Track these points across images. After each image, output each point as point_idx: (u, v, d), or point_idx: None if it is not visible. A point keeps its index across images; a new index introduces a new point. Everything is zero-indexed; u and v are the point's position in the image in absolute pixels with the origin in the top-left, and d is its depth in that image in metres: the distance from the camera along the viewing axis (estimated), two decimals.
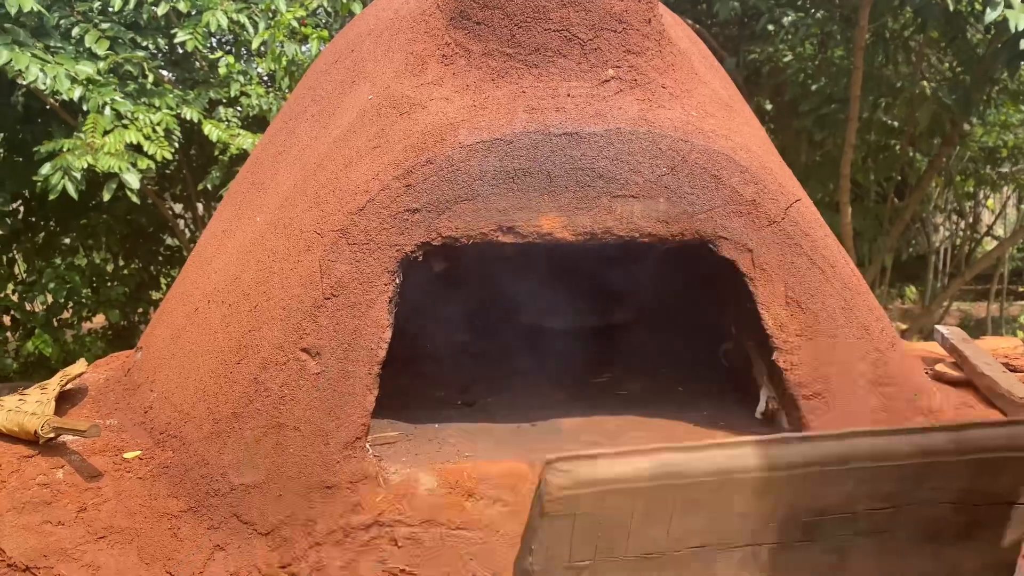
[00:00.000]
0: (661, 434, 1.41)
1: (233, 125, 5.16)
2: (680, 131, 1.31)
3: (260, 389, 1.23)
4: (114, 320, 5.76)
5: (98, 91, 4.55)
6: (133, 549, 1.17)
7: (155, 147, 4.63)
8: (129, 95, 4.84)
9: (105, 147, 4.43)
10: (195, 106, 5.01)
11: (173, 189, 6.23)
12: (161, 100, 4.87)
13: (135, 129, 4.63)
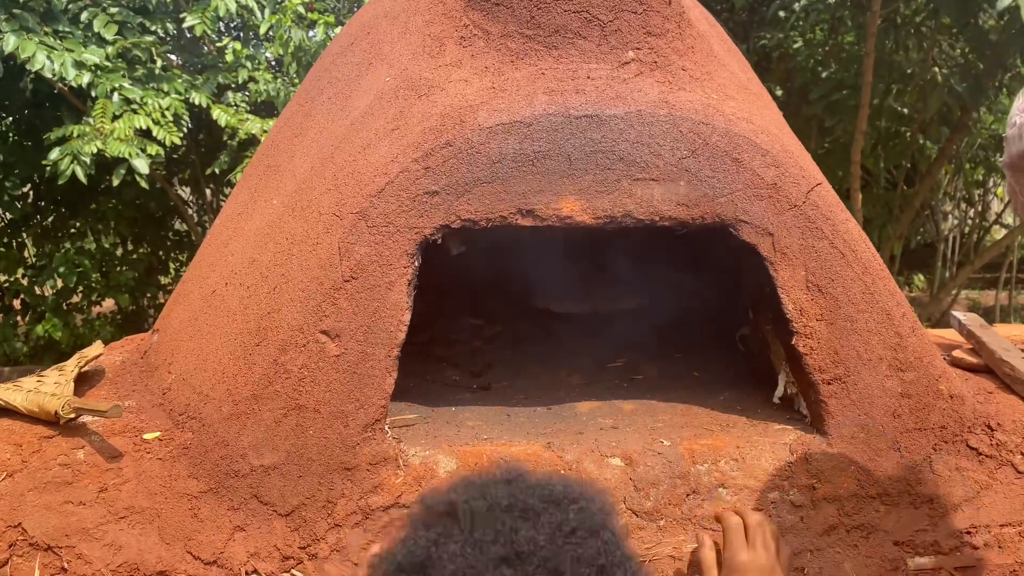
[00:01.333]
0: (677, 418, 1.41)
1: (241, 110, 5.15)
2: (701, 114, 1.30)
3: (280, 371, 1.23)
4: (123, 304, 5.78)
5: (107, 77, 4.55)
6: (154, 529, 1.18)
7: (164, 132, 4.64)
8: (138, 80, 4.85)
9: (114, 132, 4.44)
10: (204, 91, 5.01)
11: (182, 174, 6.24)
12: (170, 85, 4.87)
13: (144, 114, 4.63)
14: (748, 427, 1.35)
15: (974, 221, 8.41)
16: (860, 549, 1.24)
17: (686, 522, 1.22)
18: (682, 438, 1.30)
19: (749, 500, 1.24)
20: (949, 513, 1.27)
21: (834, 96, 4.99)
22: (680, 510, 1.22)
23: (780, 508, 1.24)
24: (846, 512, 1.25)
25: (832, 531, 1.24)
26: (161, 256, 6.28)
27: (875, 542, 1.24)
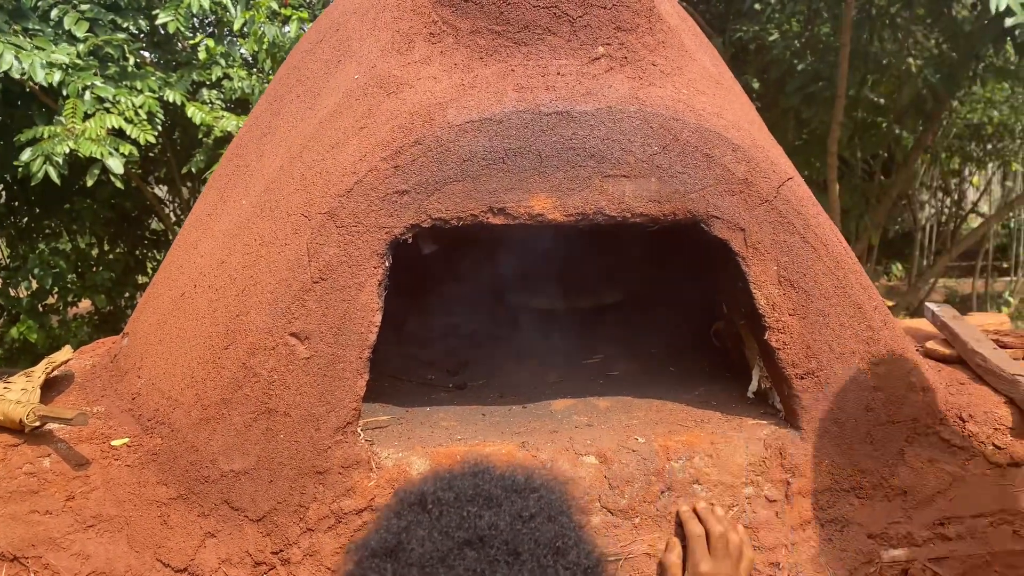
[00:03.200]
0: (653, 414, 1.41)
1: (216, 107, 5.11)
2: (671, 109, 1.29)
3: (249, 374, 1.22)
4: (100, 305, 5.72)
5: (78, 75, 4.49)
6: (123, 537, 1.16)
7: (137, 131, 4.58)
8: (110, 78, 4.79)
9: (86, 132, 4.38)
10: (178, 89, 4.96)
11: (158, 172, 6.18)
12: (143, 83, 4.81)
13: (116, 113, 4.57)
14: (723, 422, 1.35)
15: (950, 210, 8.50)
16: (835, 543, 1.24)
17: (661, 519, 1.22)
18: (657, 435, 1.29)
19: (724, 496, 1.24)
20: (922, 505, 1.28)
21: (810, 87, 5.02)
22: (655, 507, 1.22)
23: (755, 503, 1.24)
24: (820, 506, 1.25)
25: (807, 525, 1.24)
26: (138, 256, 6.22)
27: (849, 535, 1.25)
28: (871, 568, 1.23)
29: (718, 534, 1.17)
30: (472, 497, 0.68)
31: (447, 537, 0.63)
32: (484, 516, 0.66)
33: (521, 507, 0.68)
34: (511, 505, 0.67)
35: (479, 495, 0.68)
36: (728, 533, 1.18)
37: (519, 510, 0.67)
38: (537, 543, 0.65)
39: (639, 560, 1.20)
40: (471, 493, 0.68)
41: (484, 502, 0.67)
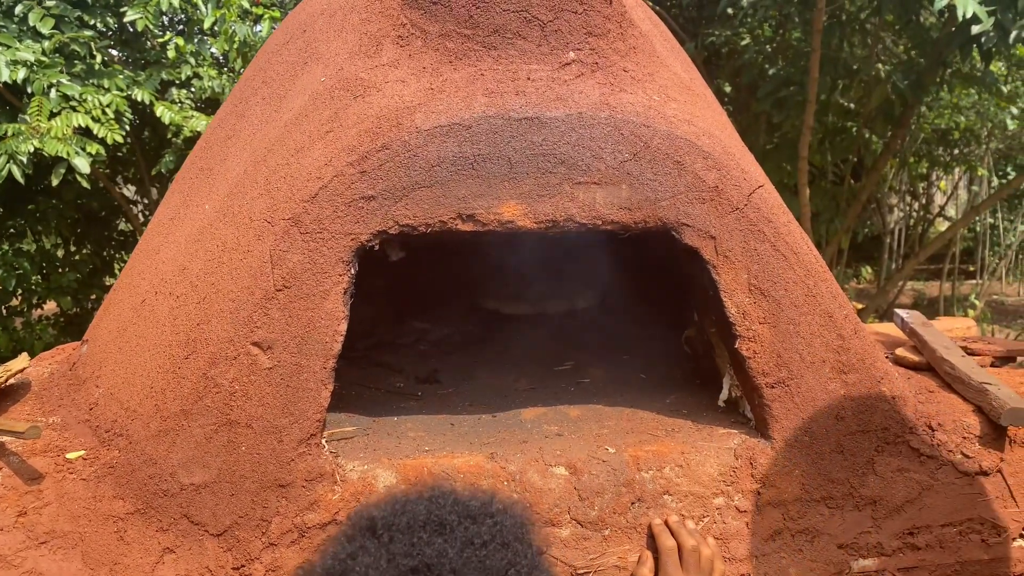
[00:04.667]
0: (623, 423, 1.39)
1: (186, 107, 5.03)
2: (642, 116, 1.28)
3: (210, 385, 1.19)
4: (66, 307, 5.62)
5: (43, 73, 4.40)
6: (77, 554, 1.12)
7: (105, 130, 4.50)
8: (76, 76, 4.70)
9: (52, 131, 4.29)
10: (146, 87, 4.88)
11: (126, 172, 6.08)
12: (110, 81, 4.73)
13: (83, 112, 4.49)
14: (693, 431, 1.34)
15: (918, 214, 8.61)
16: (805, 553, 1.24)
17: (631, 531, 1.20)
18: (627, 444, 1.28)
19: (694, 507, 1.23)
20: (892, 514, 1.28)
21: (782, 92, 5.05)
22: (625, 519, 1.21)
23: (725, 514, 1.23)
24: (791, 516, 1.25)
25: (777, 536, 1.23)
26: (105, 257, 6.11)
27: (819, 546, 1.24)
28: None
29: (690, 548, 1.16)
30: (424, 523, 0.67)
31: (393, 565, 0.62)
32: (435, 543, 0.64)
33: (474, 533, 0.66)
34: (464, 531, 0.66)
35: (431, 521, 0.67)
36: (700, 547, 1.17)
37: (471, 536, 0.66)
38: (486, 570, 0.64)
39: (609, 573, 1.19)
40: (423, 519, 0.67)
41: (435, 528, 0.66)
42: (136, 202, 6.44)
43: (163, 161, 5.02)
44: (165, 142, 5.40)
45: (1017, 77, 7.45)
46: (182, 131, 4.81)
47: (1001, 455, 1.31)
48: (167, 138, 5.23)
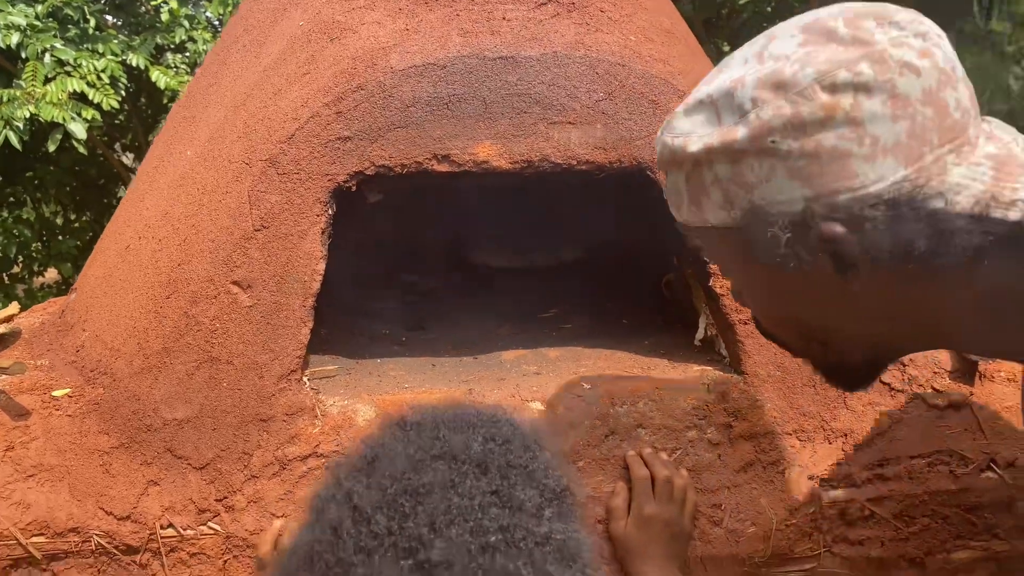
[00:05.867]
0: (601, 363, 1.41)
1: (182, 71, 5.01)
2: (618, 55, 1.29)
3: (191, 323, 1.21)
4: (66, 274, 5.65)
5: (37, 37, 4.39)
6: (64, 486, 1.16)
7: (100, 95, 4.49)
8: (70, 41, 4.68)
9: (47, 96, 4.29)
10: (141, 52, 4.86)
11: (124, 139, 6.07)
12: (105, 46, 4.71)
13: (78, 76, 4.48)
14: (669, 369, 1.36)
15: None
16: (776, 484, 1.26)
17: (605, 463, 1.23)
18: (603, 381, 1.30)
19: (667, 440, 1.25)
20: (862, 447, 1.30)
21: None
22: (599, 451, 1.23)
23: (697, 447, 1.25)
24: (762, 449, 1.27)
25: (749, 467, 1.26)
26: (104, 224, 6.12)
27: (791, 477, 1.27)
28: (811, 508, 1.25)
29: (663, 478, 1.19)
30: (448, 421, 0.71)
31: (421, 451, 0.66)
32: (458, 437, 0.68)
33: (495, 432, 0.70)
34: (485, 430, 0.70)
35: (456, 420, 0.72)
36: (673, 478, 1.20)
37: (493, 434, 0.70)
38: (508, 464, 0.67)
39: (592, 529, 1.22)
40: (448, 420, 0.71)
41: (459, 426, 0.71)
42: (134, 170, 6.44)
43: (159, 127, 5.01)
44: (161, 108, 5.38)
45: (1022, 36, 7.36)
46: (178, 96, 4.79)
47: (971, 389, 1.32)
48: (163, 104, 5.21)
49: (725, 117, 0.80)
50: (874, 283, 0.79)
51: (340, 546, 0.63)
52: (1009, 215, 0.73)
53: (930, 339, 0.89)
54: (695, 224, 0.88)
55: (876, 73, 0.72)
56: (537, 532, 0.64)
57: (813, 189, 0.76)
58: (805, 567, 1.26)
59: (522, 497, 0.66)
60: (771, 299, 0.91)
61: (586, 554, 0.68)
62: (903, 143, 0.73)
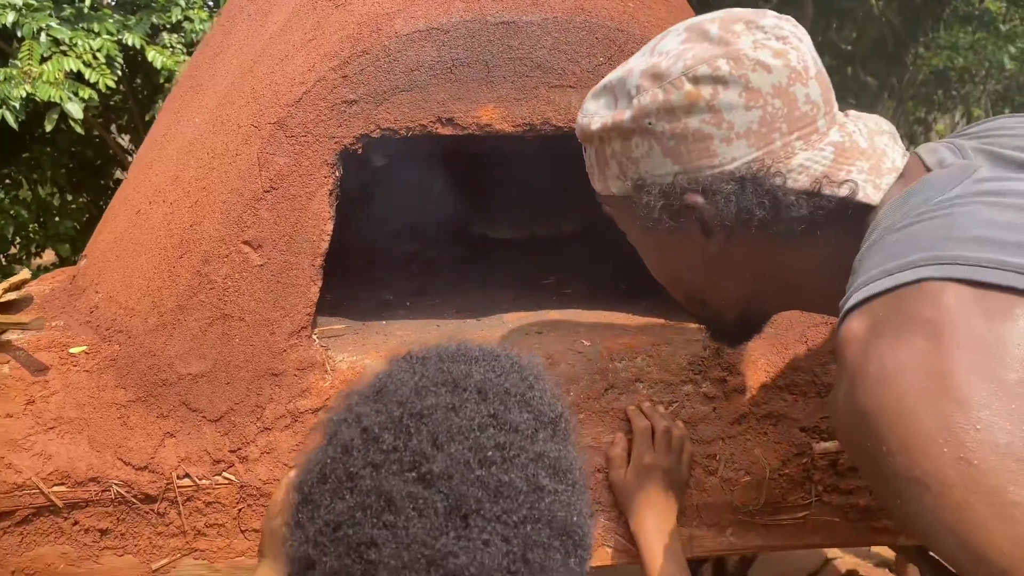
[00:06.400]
0: (601, 323, 1.46)
1: (178, 51, 5.01)
2: (616, 21, 1.32)
3: (204, 282, 1.25)
4: (64, 254, 5.67)
5: (32, 16, 4.38)
6: (83, 438, 1.20)
7: (97, 75, 4.49)
8: (66, 20, 4.67)
9: (43, 75, 4.29)
10: (137, 32, 4.86)
11: (120, 120, 6.07)
12: (100, 25, 4.71)
13: (74, 56, 4.48)
14: (666, 327, 1.41)
15: None
16: (769, 436, 1.31)
17: (604, 415, 1.28)
18: (602, 338, 1.35)
19: (664, 393, 1.30)
20: None
21: None
22: (599, 404, 1.28)
23: (693, 400, 1.30)
24: (756, 402, 1.32)
25: (743, 420, 1.31)
26: (102, 206, 6.13)
27: (783, 429, 1.31)
28: (803, 459, 1.30)
29: (662, 429, 1.24)
30: (451, 355, 0.76)
31: (425, 379, 0.71)
32: (460, 367, 0.74)
33: (495, 364, 0.76)
34: (487, 362, 0.75)
35: (458, 354, 0.77)
36: (671, 429, 1.25)
37: (492, 366, 0.75)
38: (506, 391, 0.72)
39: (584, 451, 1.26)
40: (451, 353, 0.77)
41: (461, 359, 0.76)
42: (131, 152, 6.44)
43: (156, 107, 5.02)
44: (158, 88, 5.38)
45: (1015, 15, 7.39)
46: (174, 76, 4.79)
47: None
48: (159, 84, 5.21)
49: (620, 101, 0.94)
50: (734, 247, 0.93)
51: (350, 462, 0.68)
52: (839, 192, 0.86)
53: (788, 300, 1.04)
54: (604, 193, 1.02)
55: (732, 69, 0.85)
56: (531, 450, 0.70)
57: (681, 164, 0.89)
58: (797, 515, 1.31)
59: (518, 420, 0.71)
60: (659, 260, 1.07)
61: (577, 471, 0.75)
62: (754, 130, 0.86)
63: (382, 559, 0.63)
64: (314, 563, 0.67)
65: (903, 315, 0.73)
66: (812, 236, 0.90)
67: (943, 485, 0.65)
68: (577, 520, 0.71)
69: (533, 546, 0.66)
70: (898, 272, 0.75)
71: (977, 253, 0.72)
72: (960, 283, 0.71)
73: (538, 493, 0.68)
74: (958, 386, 0.66)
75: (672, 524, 1.22)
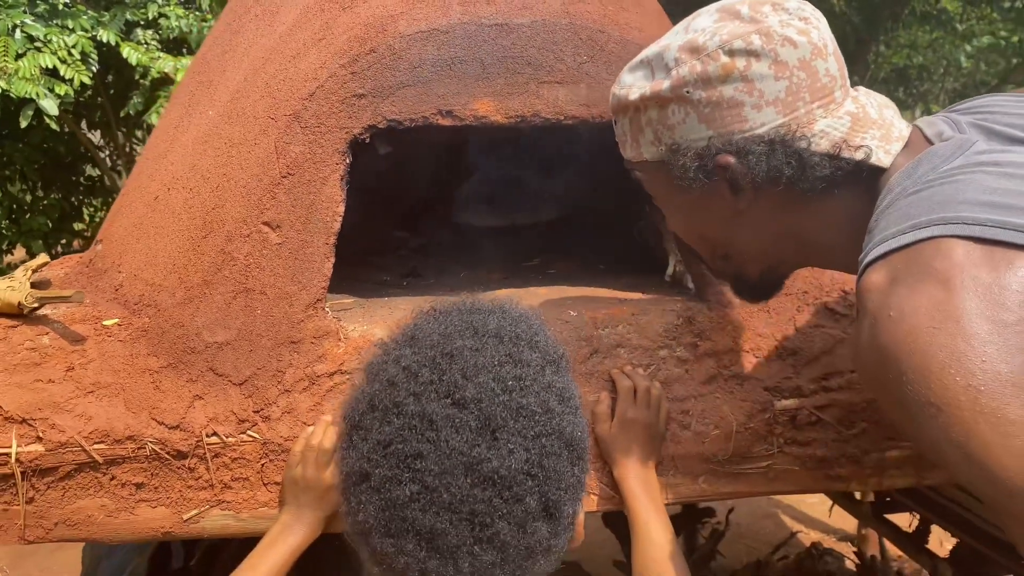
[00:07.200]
0: (584, 297, 1.61)
1: (152, 48, 5.05)
2: (598, 23, 1.47)
3: (227, 259, 1.37)
4: (37, 251, 5.67)
5: (7, 13, 4.42)
6: (120, 401, 1.31)
7: (72, 71, 4.53)
8: (40, 16, 4.70)
9: (19, 72, 4.32)
10: (111, 28, 4.89)
11: (91, 116, 6.07)
12: (75, 22, 4.74)
13: (49, 52, 4.51)
14: (644, 300, 1.56)
15: None
16: (736, 394, 1.47)
17: (590, 376, 1.42)
18: (587, 309, 1.49)
19: (643, 357, 1.45)
20: (810, 363, 1.51)
21: None
22: (585, 367, 1.43)
23: (668, 363, 1.45)
24: (724, 364, 1.47)
25: (712, 380, 1.46)
26: (74, 203, 6.13)
27: (748, 388, 1.47)
28: (766, 415, 1.46)
29: (643, 388, 1.38)
30: (469, 308, 0.92)
31: (450, 326, 0.87)
32: (478, 317, 0.89)
33: (506, 314, 0.92)
34: (499, 313, 0.92)
35: (475, 307, 0.93)
36: (650, 388, 1.40)
37: (504, 315, 0.91)
38: (517, 336, 0.88)
39: None
40: (468, 306, 0.93)
41: (478, 310, 0.92)
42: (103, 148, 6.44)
43: (132, 103, 5.05)
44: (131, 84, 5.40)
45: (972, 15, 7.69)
46: (149, 72, 4.83)
47: None
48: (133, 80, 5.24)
49: (657, 73, 1.05)
50: (758, 206, 1.06)
51: (395, 393, 0.84)
52: (855, 156, 0.99)
53: (804, 257, 1.17)
54: (635, 160, 1.15)
55: (763, 43, 0.97)
56: (541, 381, 0.87)
57: (714, 129, 1.01)
58: (761, 464, 1.47)
59: (529, 358, 0.88)
60: (688, 219, 1.18)
61: (577, 398, 0.92)
62: (782, 98, 0.98)
63: (427, 467, 0.78)
64: (368, 475, 0.82)
65: (918, 267, 0.85)
66: (830, 195, 1.01)
67: (953, 408, 0.77)
68: (580, 435, 0.88)
69: (547, 455, 0.82)
70: (912, 231, 0.88)
71: (981, 214, 0.85)
72: (967, 240, 0.83)
73: (549, 414, 0.84)
74: (966, 326, 0.77)
75: (652, 472, 1.38)
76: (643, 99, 1.06)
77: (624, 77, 1.11)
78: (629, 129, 1.12)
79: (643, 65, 1.08)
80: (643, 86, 1.06)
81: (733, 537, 3.57)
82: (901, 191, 0.95)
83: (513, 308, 0.96)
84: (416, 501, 0.78)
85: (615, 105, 1.13)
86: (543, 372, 0.88)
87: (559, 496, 0.83)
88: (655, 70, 1.05)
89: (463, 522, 0.78)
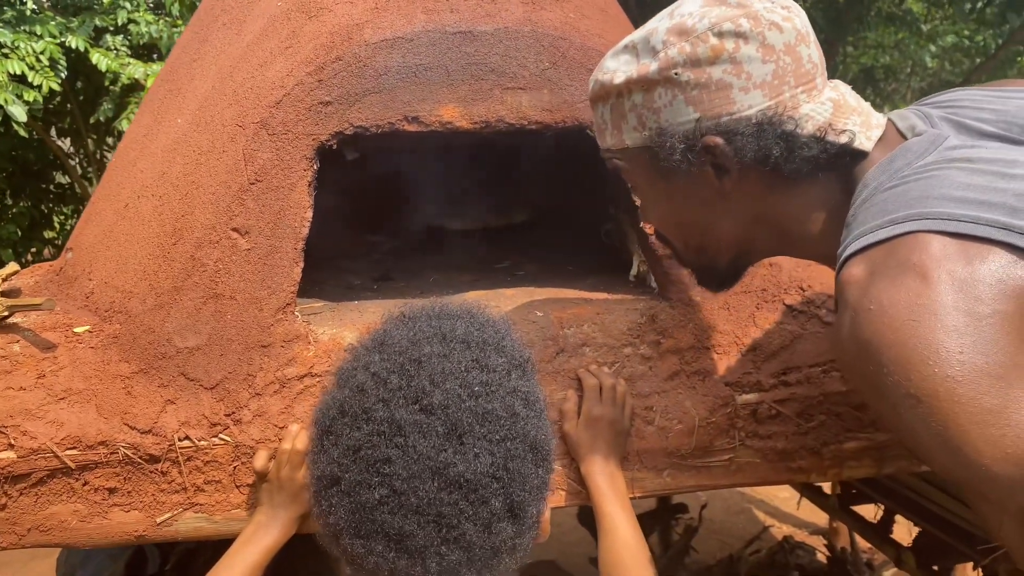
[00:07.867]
0: (551, 298, 1.64)
1: (122, 54, 5.02)
2: (560, 30, 1.51)
3: (197, 265, 1.39)
4: (7, 260, 5.61)
5: None
6: (92, 407, 1.33)
7: (40, 77, 4.49)
8: (7, 23, 4.66)
9: None
10: (80, 34, 4.87)
11: (60, 123, 6.03)
12: (43, 28, 4.71)
13: (17, 59, 4.48)
14: (608, 300, 1.60)
15: None
16: (698, 390, 1.51)
17: (556, 375, 1.46)
18: (553, 310, 1.53)
19: (607, 355, 1.49)
20: (769, 358, 1.56)
21: None
22: (551, 366, 1.46)
23: (632, 360, 1.49)
24: (686, 361, 1.52)
25: (675, 376, 1.51)
26: (44, 210, 6.08)
27: (710, 384, 1.52)
28: (727, 409, 1.50)
29: (608, 385, 1.42)
30: (437, 313, 0.94)
31: (419, 332, 0.88)
32: (446, 322, 0.91)
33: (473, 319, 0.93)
34: (467, 318, 0.93)
35: (443, 312, 0.94)
36: (615, 385, 1.43)
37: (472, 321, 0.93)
38: (484, 341, 0.90)
39: None
40: (436, 311, 0.94)
41: (446, 315, 0.93)
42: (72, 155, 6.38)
43: (101, 109, 5.02)
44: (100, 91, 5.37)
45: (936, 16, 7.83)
46: (119, 79, 4.81)
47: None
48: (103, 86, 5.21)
49: (643, 57, 1.05)
50: (741, 189, 1.07)
51: (364, 399, 0.86)
52: (840, 139, 1.02)
53: (778, 245, 1.18)
54: (616, 147, 1.14)
55: (751, 26, 0.99)
56: (507, 385, 0.89)
57: (702, 111, 1.02)
58: (723, 457, 1.51)
59: (495, 363, 0.90)
60: (667, 205, 1.18)
61: (542, 401, 0.94)
62: (768, 81, 1.00)
63: (396, 472, 0.81)
64: (339, 479, 0.85)
65: (897, 261, 0.87)
66: (811, 180, 1.03)
67: (932, 398, 0.80)
68: (544, 438, 0.91)
69: (512, 458, 0.85)
70: (890, 226, 0.91)
71: (956, 210, 0.88)
72: (943, 235, 0.86)
73: (514, 418, 0.87)
74: (944, 319, 0.79)
75: (617, 467, 1.42)
76: (629, 82, 1.05)
77: (607, 63, 1.10)
78: (610, 116, 1.11)
79: (627, 50, 1.08)
80: (629, 70, 1.05)
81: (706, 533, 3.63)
82: (877, 186, 0.98)
83: (480, 313, 0.98)
84: (385, 504, 0.80)
85: (596, 92, 1.12)
86: (509, 377, 0.91)
87: (523, 497, 0.86)
88: (641, 54, 1.05)
89: (430, 524, 0.80)
